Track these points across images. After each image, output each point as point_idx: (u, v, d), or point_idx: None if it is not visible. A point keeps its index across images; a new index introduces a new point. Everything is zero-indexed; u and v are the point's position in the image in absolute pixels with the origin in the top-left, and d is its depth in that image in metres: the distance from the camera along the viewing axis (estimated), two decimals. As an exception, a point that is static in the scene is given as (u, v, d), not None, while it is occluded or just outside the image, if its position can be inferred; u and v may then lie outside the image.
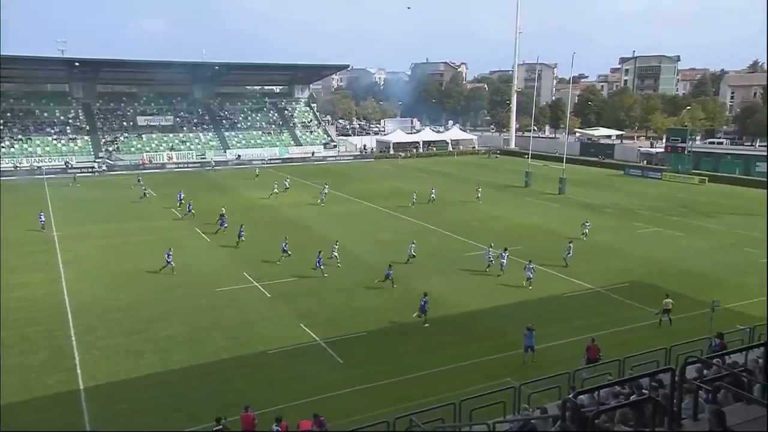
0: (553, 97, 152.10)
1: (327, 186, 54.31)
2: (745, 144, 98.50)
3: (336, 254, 32.90)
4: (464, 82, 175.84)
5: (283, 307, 26.56)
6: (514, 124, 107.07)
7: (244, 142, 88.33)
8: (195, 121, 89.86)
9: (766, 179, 56.94)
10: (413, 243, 33.92)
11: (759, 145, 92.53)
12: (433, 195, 52.02)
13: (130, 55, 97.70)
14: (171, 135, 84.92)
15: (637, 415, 7.76)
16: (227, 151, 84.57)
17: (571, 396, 6.81)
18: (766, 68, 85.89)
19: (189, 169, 76.35)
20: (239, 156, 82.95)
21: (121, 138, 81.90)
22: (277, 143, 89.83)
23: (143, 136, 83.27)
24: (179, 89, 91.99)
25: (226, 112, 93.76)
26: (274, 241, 37.61)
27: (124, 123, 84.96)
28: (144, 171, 73.87)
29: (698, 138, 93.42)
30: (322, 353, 21.89)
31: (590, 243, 37.29)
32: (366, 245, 37.46)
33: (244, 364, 21.05)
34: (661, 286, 29.45)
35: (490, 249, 32.52)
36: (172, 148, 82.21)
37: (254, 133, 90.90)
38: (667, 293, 25.66)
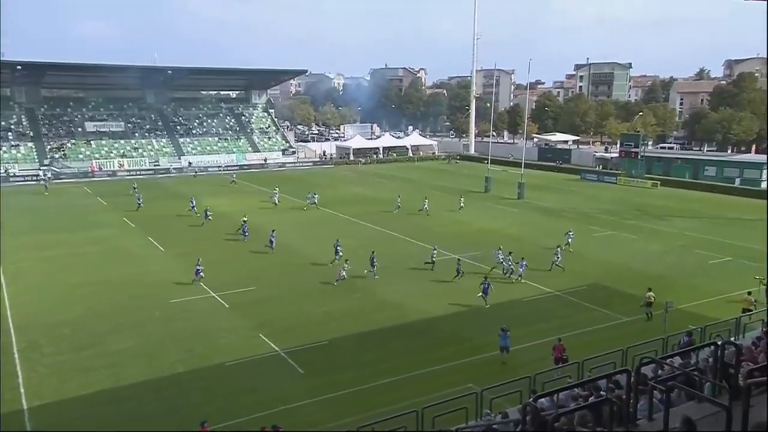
0: (511, 103, 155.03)
1: (316, 195, 53.43)
2: (694, 149, 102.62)
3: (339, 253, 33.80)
4: (423, 87, 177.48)
5: (241, 317, 26.19)
6: (473, 130, 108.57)
7: (199, 148, 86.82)
8: (148, 126, 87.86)
9: (767, 189, 58.54)
10: (434, 249, 34.18)
11: (707, 150, 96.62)
12: (426, 206, 49.62)
13: (77, 58, 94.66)
14: (122, 141, 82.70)
15: (595, 416, 7.95)
16: (182, 157, 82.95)
17: (531, 400, 6.94)
18: (766, 70, 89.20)
19: (142, 176, 74.50)
20: (190, 163, 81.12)
21: (68, 144, 79.23)
22: (234, 149, 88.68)
23: (92, 142, 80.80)
24: (130, 94, 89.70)
25: (180, 118, 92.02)
26: (232, 250, 37.10)
27: (72, 129, 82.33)
28: (93, 179, 71.83)
29: (650, 143, 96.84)
30: (282, 363, 21.65)
31: (548, 247, 38.04)
32: (328, 252, 37.25)
33: (200, 377, 20.64)
34: (617, 289, 30.34)
35: (500, 252, 33.32)
36: (123, 155, 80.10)
37: (210, 139, 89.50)
38: (649, 287, 26.86)
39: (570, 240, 38.02)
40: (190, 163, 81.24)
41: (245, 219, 41.91)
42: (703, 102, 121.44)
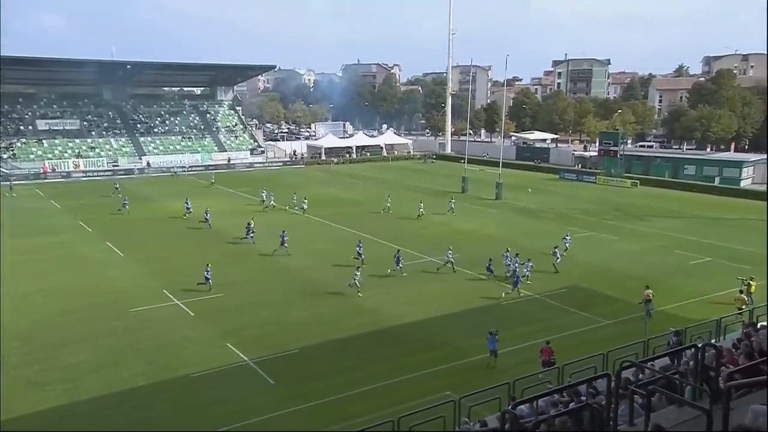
0: (488, 100, 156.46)
1: (272, 194, 54.00)
2: (674, 147, 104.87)
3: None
4: (398, 84, 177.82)
5: (207, 325, 25.92)
6: (449, 128, 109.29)
7: (162, 147, 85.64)
8: (105, 125, 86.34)
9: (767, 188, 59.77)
10: (450, 250, 34.57)
11: (686, 148, 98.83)
12: (421, 210, 49.38)
13: (27, 51, 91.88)
14: (77, 140, 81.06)
15: (575, 422, 8.06)
16: (143, 157, 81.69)
17: (510, 407, 7.00)
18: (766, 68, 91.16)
19: (100, 178, 73.18)
20: (149, 164, 79.87)
21: (18, 144, 77.37)
22: (199, 149, 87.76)
23: (44, 141, 79.01)
24: (86, 90, 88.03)
25: (140, 116, 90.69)
26: (197, 255, 36.74)
27: (21, 127, 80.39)
28: (46, 181, 70.28)
29: (629, 141, 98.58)
30: (251, 374, 21.49)
31: (526, 248, 38.45)
32: (297, 256, 37.17)
33: (164, 389, 20.35)
34: (597, 291, 30.82)
35: (508, 254, 33.91)
36: (78, 155, 78.48)
37: (173, 138, 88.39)
38: (646, 285, 27.60)
39: (568, 245, 37.77)
40: (149, 163, 80.00)
41: (252, 223, 41.48)
42: (682, 99, 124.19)
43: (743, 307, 24.16)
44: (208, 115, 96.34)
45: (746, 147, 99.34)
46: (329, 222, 47.35)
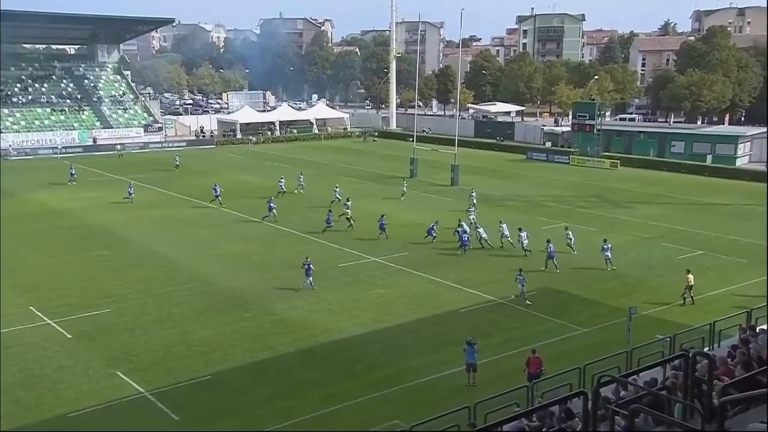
0: (441, 65, 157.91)
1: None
2: (659, 120, 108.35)
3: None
4: (330, 44, 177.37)
5: (90, 350, 25.25)
6: (394, 99, 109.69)
7: (23, 123, 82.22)
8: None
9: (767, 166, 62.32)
10: (507, 228, 38.89)
11: (674, 121, 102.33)
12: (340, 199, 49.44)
13: None
14: None
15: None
16: (-2, 136, 77.83)
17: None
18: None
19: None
20: (10, 145, 76.11)
21: None
22: (76, 125, 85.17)
23: None
24: None
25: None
26: (73, 261, 35.72)
27: None
28: None
29: (608, 114, 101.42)
30: (148, 409, 21.08)
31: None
32: (205, 259, 36.63)
33: (33, 434, 19.64)
34: (572, 293, 31.58)
35: (504, 225, 38.75)
36: None
37: (39, 110, 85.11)
38: (687, 269, 29.90)
39: (571, 241, 37.77)
40: (10, 145, 76.20)
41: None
42: (669, 62, 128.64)
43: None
44: (86, 81, 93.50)
45: (742, 119, 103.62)
46: (247, 216, 46.74)
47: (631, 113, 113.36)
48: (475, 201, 48.38)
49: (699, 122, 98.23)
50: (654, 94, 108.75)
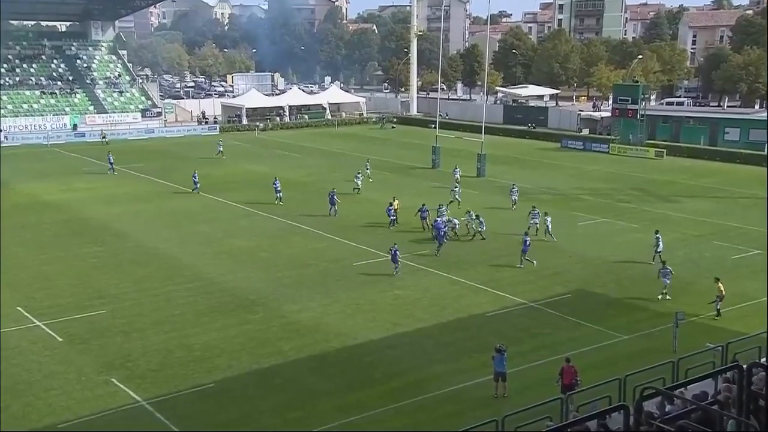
0: (467, 44, 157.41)
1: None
2: (711, 104, 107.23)
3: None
4: (345, 21, 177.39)
5: (82, 355, 25.40)
6: (415, 82, 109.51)
7: (10, 107, 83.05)
8: None
9: (766, 152, 61.75)
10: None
11: (728, 106, 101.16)
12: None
13: None
14: None
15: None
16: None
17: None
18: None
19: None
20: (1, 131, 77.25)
21: None
22: (67, 109, 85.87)
23: None
24: None
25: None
26: (64, 258, 36.01)
27: None
28: None
29: (653, 97, 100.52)
30: (146, 419, 21.18)
31: (518, 241, 38.80)
32: (208, 256, 36.82)
33: (21, 445, 19.86)
34: (611, 296, 31.35)
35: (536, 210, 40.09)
36: None
37: (27, 93, 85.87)
38: (716, 277, 28.88)
39: (547, 225, 39.60)
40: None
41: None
42: (723, 39, 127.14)
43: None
44: (78, 61, 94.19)
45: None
46: (253, 210, 46.95)
47: (679, 97, 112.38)
48: (516, 197, 48.18)
49: (756, 107, 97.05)
50: (705, 76, 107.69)
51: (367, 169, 56.91)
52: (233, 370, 24.23)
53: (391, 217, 41.92)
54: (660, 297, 30.57)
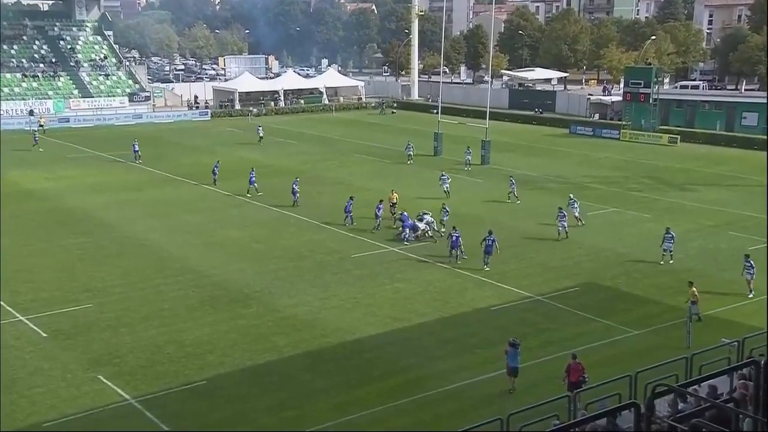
0: (470, 24, 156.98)
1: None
2: (728, 87, 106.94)
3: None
4: (343, 1, 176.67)
5: (68, 351, 25.42)
6: (416, 65, 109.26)
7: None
8: None
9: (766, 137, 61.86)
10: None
11: (745, 89, 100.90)
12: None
13: None
14: None
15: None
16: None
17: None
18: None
19: None
20: None
21: None
22: (50, 93, 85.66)
23: None
24: None
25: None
26: (48, 249, 36.01)
27: None
28: None
29: (667, 80, 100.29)
30: (134, 418, 21.24)
31: (528, 236, 38.82)
32: (199, 248, 36.85)
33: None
34: (622, 290, 31.37)
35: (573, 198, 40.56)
36: None
37: (8, 76, 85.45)
38: (690, 281, 28.15)
39: (577, 213, 40.27)
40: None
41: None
42: (741, 19, 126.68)
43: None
44: (61, 42, 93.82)
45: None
46: (246, 199, 46.90)
47: (695, 80, 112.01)
48: (514, 188, 47.29)
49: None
50: (722, 57, 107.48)
51: (410, 151, 60.30)
52: (226, 367, 24.26)
53: (378, 219, 39.32)
54: (751, 296, 30.07)
